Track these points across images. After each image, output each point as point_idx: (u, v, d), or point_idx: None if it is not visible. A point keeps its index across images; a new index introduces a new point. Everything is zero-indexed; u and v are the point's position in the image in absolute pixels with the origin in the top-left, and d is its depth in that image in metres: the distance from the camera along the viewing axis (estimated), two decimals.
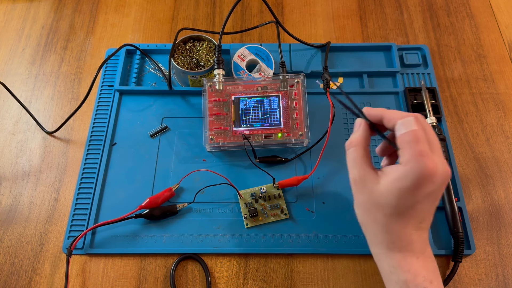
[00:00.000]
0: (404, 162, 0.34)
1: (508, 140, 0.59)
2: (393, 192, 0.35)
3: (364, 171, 0.37)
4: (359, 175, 0.37)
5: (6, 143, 0.60)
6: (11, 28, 0.71)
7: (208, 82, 0.57)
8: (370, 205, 0.37)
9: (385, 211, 0.36)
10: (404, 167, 0.34)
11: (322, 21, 0.71)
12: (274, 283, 0.50)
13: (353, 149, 0.38)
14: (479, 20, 0.71)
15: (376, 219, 0.37)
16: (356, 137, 0.39)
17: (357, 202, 0.39)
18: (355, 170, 0.38)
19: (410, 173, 0.34)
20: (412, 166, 0.33)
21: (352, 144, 0.39)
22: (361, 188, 0.37)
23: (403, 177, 0.34)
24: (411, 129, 0.34)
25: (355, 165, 0.38)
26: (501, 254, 0.51)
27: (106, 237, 0.52)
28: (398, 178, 0.34)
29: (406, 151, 0.34)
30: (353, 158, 0.38)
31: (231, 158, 0.57)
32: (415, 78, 0.63)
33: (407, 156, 0.34)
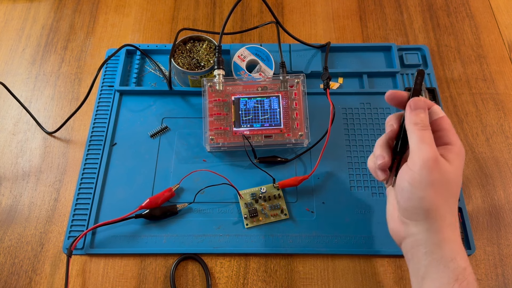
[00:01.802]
0: (451, 142, 0.38)
1: (508, 140, 0.59)
2: (459, 171, 0.37)
3: (436, 151, 0.37)
4: (438, 156, 0.37)
5: (6, 143, 0.60)
6: (11, 28, 0.71)
7: (208, 83, 0.57)
8: (444, 185, 0.36)
9: (453, 190, 0.37)
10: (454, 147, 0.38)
11: (322, 21, 0.71)
12: (274, 283, 0.50)
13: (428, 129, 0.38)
14: (479, 20, 0.71)
15: (447, 199, 0.37)
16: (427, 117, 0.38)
17: (431, 182, 0.36)
18: (434, 150, 0.36)
19: (461, 151, 0.38)
20: (459, 145, 0.38)
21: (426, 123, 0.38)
22: (439, 168, 0.36)
23: (458, 156, 0.38)
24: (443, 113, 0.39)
25: (432, 145, 0.37)
26: (501, 254, 0.51)
27: (106, 237, 0.52)
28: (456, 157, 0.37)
29: (450, 132, 0.38)
30: (430, 137, 0.37)
31: (231, 158, 0.57)
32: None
33: (452, 137, 0.38)
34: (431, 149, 0.36)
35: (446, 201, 0.37)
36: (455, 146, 0.38)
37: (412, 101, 0.38)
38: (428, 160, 0.36)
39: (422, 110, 0.38)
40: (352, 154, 0.57)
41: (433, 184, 0.36)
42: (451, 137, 0.38)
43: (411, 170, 0.37)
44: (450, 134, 0.38)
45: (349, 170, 0.56)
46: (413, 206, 0.37)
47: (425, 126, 0.37)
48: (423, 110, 0.38)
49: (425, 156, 0.36)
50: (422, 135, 0.37)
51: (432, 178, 0.36)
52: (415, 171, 0.36)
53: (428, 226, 0.37)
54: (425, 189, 0.36)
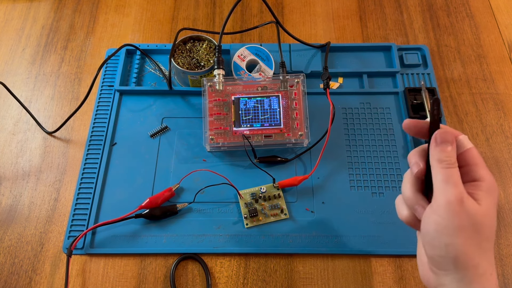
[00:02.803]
0: (481, 178, 0.34)
1: (507, 140, 0.59)
2: (491, 211, 0.33)
3: (463, 191, 0.33)
4: (465, 196, 0.32)
5: (6, 143, 0.60)
6: (11, 28, 0.71)
7: (208, 82, 0.57)
8: (474, 229, 0.32)
9: (486, 234, 0.32)
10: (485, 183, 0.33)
11: (322, 21, 0.71)
12: (274, 283, 0.50)
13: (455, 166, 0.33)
14: (479, 20, 0.71)
15: (480, 245, 0.32)
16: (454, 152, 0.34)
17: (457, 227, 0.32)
18: (460, 190, 0.32)
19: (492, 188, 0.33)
20: (491, 181, 0.34)
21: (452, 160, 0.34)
22: (465, 210, 0.32)
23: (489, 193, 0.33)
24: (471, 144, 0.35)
25: (459, 183, 0.33)
26: (501, 254, 0.51)
27: (106, 237, 0.52)
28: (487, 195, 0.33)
29: (479, 167, 0.34)
30: (457, 175, 0.33)
31: (231, 158, 0.57)
32: (415, 78, 0.63)
33: (482, 172, 0.34)
34: (456, 190, 0.32)
35: (479, 247, 0.32)
36: (485, 182, 0.33)
37: (438, 134, 0.34)
38: (453, 202, 0.32)
39: (449, 144, 0.34)
40: (352, 154, 0.57)
41: (460, 229, 0.32)
42: (480, 172, 0.34)
43: (435, 213, 0.33)
44: (479, 168, 0.34)
45: (349, 170, 0.56)
46: (440, 255, 0.33)
47: (451, 164, 0.33)
48: (450, 144, 0.34)
49: (450, 198, 0.32)
50: (448, 174, 0.33)
51: (459, 222, 0.32)
52: (439, 215, 0.33)
53: (459, 276, 0.33)
54: (451, 235, 0.32)
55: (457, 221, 0.32)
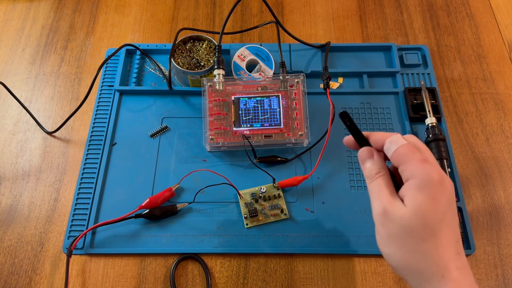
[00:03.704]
0: (411, 175, 0.32)
1: (508, 140, 0.59)
2: (420, 210, 0.31)
3: (392, 199, 0.33)
4: (388, 203, 0.33)
5: (6, 143, 0.60)
6: (11, 28, 0.71)
7: (208, 82, 0.57)
8: (404, 234, 0.32)
9: (422, 235, 0.31)
10: (414, 180, 0.32)
11: (322, 21, 0.71)
12: (274, 283, 0.50)
13: (380, 177, 0.35)
14: (479, 20, 0.71)
15: (416, 250, 0.32)
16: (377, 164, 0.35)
17: (388, 235, 0.33)
18: (384, 199, 0.33)
19: (422, 182, 0.32)
20: (421, 175, 0.32)
21: (377, 173, 0.35)
22: (392, 218, 0.32)
23: (419, 189, 0.32)
24: (402, 143, 0.34)
25: (383, 194, 0.34)
26: (501, 254, 0.51)
27: (106, 237, 0.52)
28: (415, 194, 0.32)
29: (406, 165, 0.33)
30: (380, 187, 0.34)
31: (231, 158, 0.57)
32: (415, 78, 0.63)
33: (410, 169, 0.33)
34: (377, 202, 0.34)
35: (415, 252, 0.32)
36: (414, 179, 0.32)
37: (358, 154, 0.36)
38: (378, 215, 0.33)
39: (366, 159, 0.36)
40: (352, 154, 0.57)
41: (390, 238, 0.33)
42: (409, 170, 0.33)
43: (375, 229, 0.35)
44: (409, 166, 0.33)
45: (349, 170, 0.56)
46: (390, 265, 0.35)
47: (371, 177, 0.35)
48: (367, 160, 0.36)
49: (375, 211, 0.34)
50: (370, 188, 0.35)
51: (387, 232, 0.33)
52: (376, 228, 0.34)
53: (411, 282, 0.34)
54: (386, 246, 0.34)
55: (386, 231, 0.33)
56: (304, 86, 0.57)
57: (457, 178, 0.55)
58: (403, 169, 0.33)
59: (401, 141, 0.34)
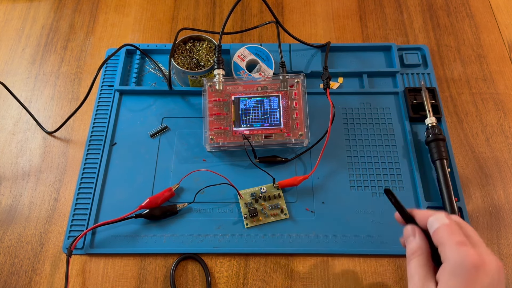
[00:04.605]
0: (446, 258, 0.32)
1: (508, 140, 0.59)
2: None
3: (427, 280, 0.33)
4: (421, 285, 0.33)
5: (6, 143, 0.60)
6: (11, 28, 0.71)
7: (208, 82, 0.57)
8: None
9: None
10: (448, 264, 0.31)
11: (322, 21, 0.71)
12: (274, 283, 0.50)
13: (418, 257, 0.34)
14: (479, 20, 0.71)
15: None
16: (417, 243, 0.35)
17: None
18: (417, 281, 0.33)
19: (455, 267, 0.31)
20: (455, 259, 0.31)
21: (416, 253, 0.35)
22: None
23: (452, 274, 0.31)
24: (443, 222, 0.33)
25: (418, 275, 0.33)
26: (501, 254, 0.51)
27: (106, 237, 0.52)
28: (448, 279, 0.31)
29: (443, 247, 0.32)
30: (417, 266, 0.34)
31: (231, 158, 0.57)
32: (415, 78, 0.63)
33: (446, 251, 0.32)
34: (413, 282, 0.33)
35: None
36: (447, 264, 0.32)
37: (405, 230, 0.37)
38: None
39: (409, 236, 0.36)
40: (352, 154, 0.57)
41: None
42: (445, 252, 0.32)
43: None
44: (445, 248, 0.32)
45: (349, 170, 0.56)
46: None
47: (408, 255, 0.35)
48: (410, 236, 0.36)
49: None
50: (409, 267, 0.35)
51: None
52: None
53: None
54: None
55: None
56: (304, 86, 0.57)
57: (457, 178, 0.55)
58: (441, 250, 0.33)
59: (442, 220, 0.34)
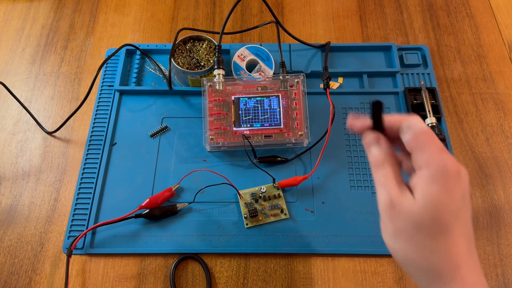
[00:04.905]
0: (426, 164, 0.29)
1: (508, 140, 0.59)
2: (433, 203, 0.28)
3: (400, 190, 0.30)
4: (395, 197, 0.30)
5: (6, 143, 0.60)
6: (11, 28, 0.71)
7: (208, 82, 0.57)
8: (414, 229, 0.29)
9: (433, 230, 0.29)
10: (428, 170, 0.29)
11: (322, 21, 0.71)
12: (274, 283, 0.50)
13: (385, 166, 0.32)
14: (479, 20, 0.71)
15: (425, 246, 0.29)
16: (383, 151, 0.32)
17: (396, 229, 0.30)
18: (391, 190, 0.30)
19: (438, 173, 0.29)
20: (439, 165, 0.29)
21: (382, 161, 0.32)
22: (399, 210, 0.30)
23: (434, 181, 0.29)
24: (421, 128, 0.30)
25: (390, 184, 0.31)
26: (501, 254, 0.51)
27: (106, 237, 0.52)
28: (429, 185, 0.29)
29: (423, 152, 0.30)
30: (386, 175, 0.31)
31: (231, 158, 0.57)
32: (415, 78, 0.63)
33: (427, 157, 0.29)
34: (384, 193, 0.31)
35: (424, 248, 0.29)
36: (428, 169, 0.29)
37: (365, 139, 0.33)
38: (384, 207, 0.31)
39: (373, 145, 0.33)
40: (352, 154, 0.57)
41: (397, 233, 0.30)
42: (425, 158, 0.29)
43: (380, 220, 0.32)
44: (425, 153, 0.29)
45: (349, 170, 0.56)
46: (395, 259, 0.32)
47: (376, 165, 0.32)
48: (373, 145, 0.32)
49: (381, 202, 0.31)
50: (376, 177, 0.32)
51: (394, 226, 0.30)
52: (382, 220, 0.32)
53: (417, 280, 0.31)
54: (393, 241, 0.31)
55: (392, 225, 0.30)
56: (304, 86, 0.57)
57: None
58: (418, 156, 0.30)
59: (421, 125, 0.30)
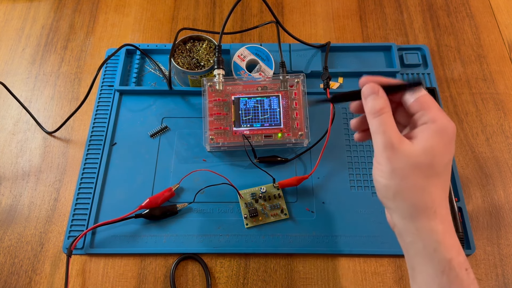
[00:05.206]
0: (431, 120, 0.34)
1: (508, 140, 0.59)
2: (432, 150, 0.34)
3: (398, 134, 0.35)
4: (396, 140, 0.34)
5: (6, 143, 0.60)
6: (11, 28, 0.71)
7: (208, 82, 0.57)
8: (409, 169, 0.34)
9: (427, 172, 0.34)
10: (434, 125, 0.34)
11: (322, 21, 0.71)
12: (274, 283, 0.50)
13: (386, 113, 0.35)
14: (479, 20, 0.71)
15: (418, 184, 0.34)
16: (383, 100, 0.36)
17: (393, 168, 0.34)
18: (391, 134, 0.35)
19: (442, 129, 0.34)
20: (444, 123, 0.34)
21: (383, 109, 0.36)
22: (399, 152, 0.34)
23: (437, 133, 0.34)
24: (425, 92, 0.36)
25: (390, 128, 0.35)
26: (501, 254, 0.51)
27: (106, 237, 0.52)
28: (431, 136, 0.34)
29: (429, 110, 0.35)
30: (384, 122, 0.35)
31: (231, 158, 0.57)
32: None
33: (433, 115, 0.34)
34: (385, 137, 0.35)
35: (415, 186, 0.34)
36: (434, 124, 0.34)
37: (364, 89, 0.37)
38: (383, 148, 0.35)
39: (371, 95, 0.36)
40: (352, 154, 0.57)
41: (394, 171, 0.34)
42: (431, 115, 0.35)
43: (375, 161, 0.36)
44: (430, 111, 0.35)
45: (349, 170, 0.56)
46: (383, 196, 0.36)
47: (374, 112, 0.36)
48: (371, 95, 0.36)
49: (380, 145, 0.35)
50: (374, 123, 0.36)
51: (392, 166, 0.34)
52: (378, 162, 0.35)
53: (401, 213, 0.35)
54: (388, 178, 0.35)
55: (390, 165, 0.34)
56: (304, 86, 0.57)
57: (457, 178, 0.55)
58: (423, 113, 0.35)
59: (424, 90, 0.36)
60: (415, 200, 0.34)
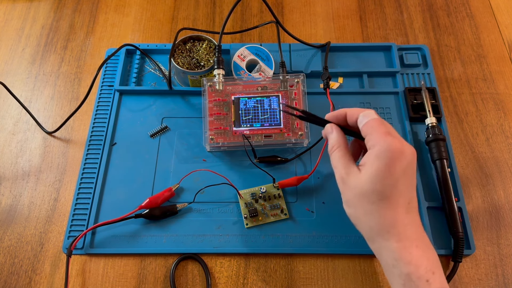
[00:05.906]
0: (373, 145, 0.37)
1: (508, 140, 0.59)
2: (374, 176, 0.36)
3: (349, 167, 0.39)
4: (344, 172, 0.39)
5: (6, 143, 0.60)
6: (11, 28, 0.71)
7: (208, 82, 0.57)
8: (358, 198, 0.38)
9: (373, 198, 0.37)
10: (374, 149, 0.37)
11: (322, 21, 0.71)
12: (274, 283, 0.50)
13: (336, 150, 0.41)
14: (479, 20, 0.71)
15: (367, 210, 0.38)
16: (335, 139, 0.41)
17: (346, 199, 0.40)
18: (340, 169, 0.40)
19: (381, 152, 0.36)
20: (381, 145, 0.36)
21: (334, 147, 0.41)
22: (348, 184, 0.39)
23: (377, 158, 0.36)
24: (373, 117, 0.39)
25: (340, 164, 0.40)
26: (501, 254, 0.51)
27: (106, 237, 0.52)
28: (373, 161, 0.37)
29: (371, 136, 0.38)
30: (338, 158, 0.40)
31: (231, 158, 0.57)
32: (415, 78, 0.63)
33: (374, 139, 0.37)
34: (337, 172, 0.40)
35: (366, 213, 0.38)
36: (375, 149, 0.37)
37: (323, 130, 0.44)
38: (337, 182, 0.41)
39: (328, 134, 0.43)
40: None
41: (348, 202, 0.40)
42: (373, 140, 0.38)
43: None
44: (372, 137, 0.38)
45: None
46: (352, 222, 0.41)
47: (330, 149, 0.42)
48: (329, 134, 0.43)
49: (336, 178, 0.41)
50: (332, 160, 0.42)
51: (345, 197, 0.40)
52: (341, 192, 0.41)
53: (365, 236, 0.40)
54: (348, 207, 0.40)
55: (345, 195, 0.40)
56: (304, 86, 0.57)
57: (457, 178, 0.55)
58: (368, 139, 0.38)
59: (372, 115, 0.39)
60: (370, 224, 0.38)
